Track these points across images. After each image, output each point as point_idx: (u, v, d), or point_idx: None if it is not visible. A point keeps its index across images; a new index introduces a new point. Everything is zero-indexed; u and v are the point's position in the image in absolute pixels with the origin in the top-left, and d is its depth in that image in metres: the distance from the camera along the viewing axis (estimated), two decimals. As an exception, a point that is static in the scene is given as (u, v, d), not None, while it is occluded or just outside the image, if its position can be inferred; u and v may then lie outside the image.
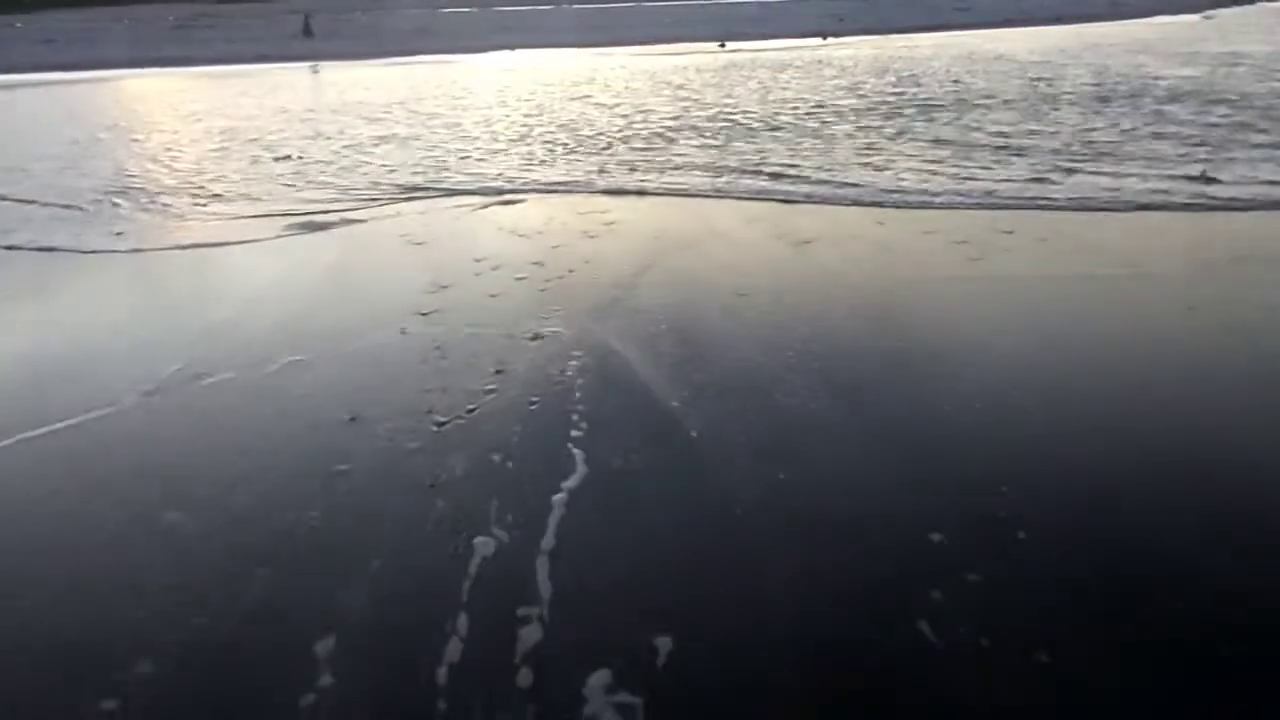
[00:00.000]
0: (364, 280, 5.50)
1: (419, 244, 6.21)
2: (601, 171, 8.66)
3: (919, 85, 14.40)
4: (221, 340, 4.37)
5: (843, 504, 2.77)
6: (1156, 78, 13.89)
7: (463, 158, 10.12)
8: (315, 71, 23.42)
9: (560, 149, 10.30)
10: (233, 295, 5.30)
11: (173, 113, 16.12)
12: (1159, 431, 3.09)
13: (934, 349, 3.88)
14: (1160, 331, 4.02)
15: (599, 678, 2.00)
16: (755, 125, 11.12)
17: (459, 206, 7.48)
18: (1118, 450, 2.96)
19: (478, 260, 5.59)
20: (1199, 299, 4.37)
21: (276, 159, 10.76)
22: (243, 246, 6.56)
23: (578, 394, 3.51)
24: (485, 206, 7.45)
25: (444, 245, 6.20)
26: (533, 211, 7.16)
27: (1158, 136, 8.58)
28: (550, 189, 7.96)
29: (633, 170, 8.62)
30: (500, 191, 7.99)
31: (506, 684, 2.01)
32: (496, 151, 10.39)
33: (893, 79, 15.54)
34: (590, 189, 7.82)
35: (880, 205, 6.57)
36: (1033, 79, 14.39)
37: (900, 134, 9.80)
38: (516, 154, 10.12)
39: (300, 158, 10.82)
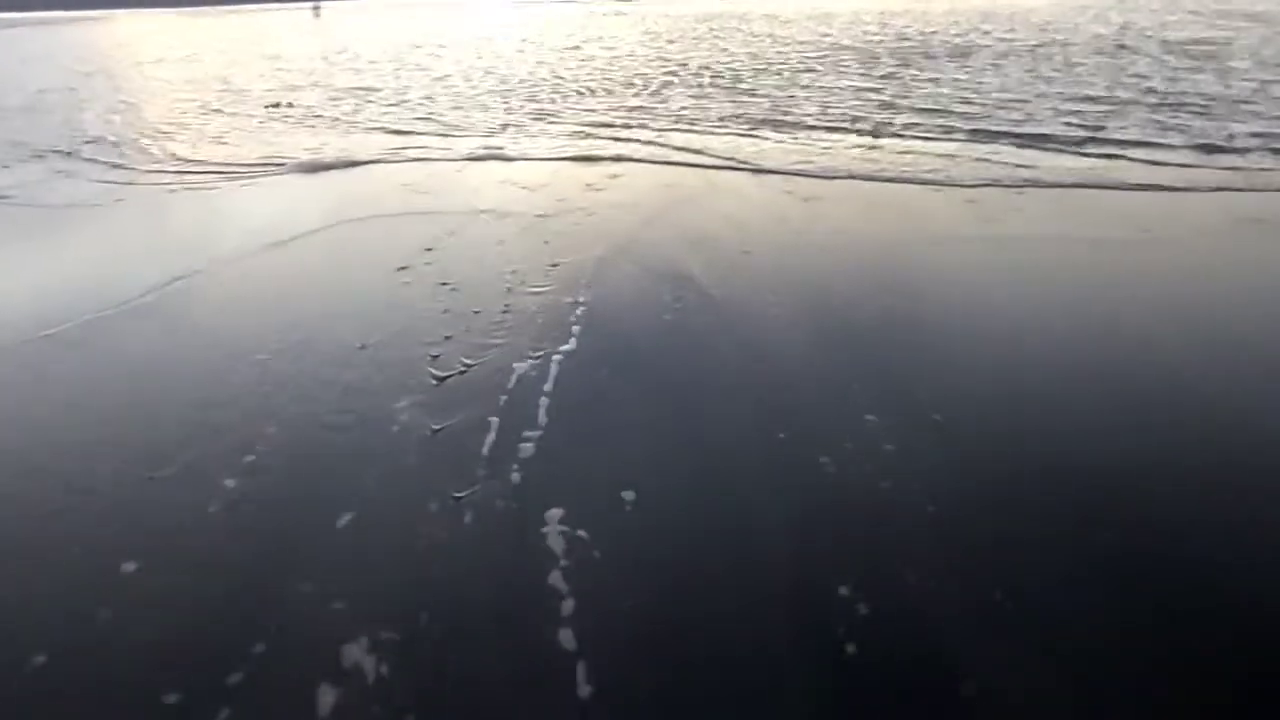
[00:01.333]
0: (364, 220, 5.47)
1: (422, 193, 6.16)
2: (599, 125, 8.57)
3: (928, 48, 14.19)
4: (242, 252, 4.39)
5: (802, 384, 3.08)
6: (1175, 36, 13.64)
7: (455, 109, 9.99)
8: (316, 15, 22.82)
9: (556, 101, 10.17)
10: (238, 230, 5.28)
11: (165, 57, 15.80)
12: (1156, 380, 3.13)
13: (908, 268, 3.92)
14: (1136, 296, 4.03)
15: (555, 513, 2.36)
16: (752, 79, 10.98)
17: (449, 160, 7.41)
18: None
19: (481, 211, 5.57)
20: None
21: (268, 106, 10.62)
22: (245, 189, 6.51)
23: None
24: (477, 159, 7.38)
25: (441, 194, 6.14)
26: (528, 165, 7.08)
27: (1174, 100, 8.29)
28: (550, 151, 7.88)
29: (624, 126, 8.53)
30: (494, 144, 7.91)
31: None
32: (489, 105, 10.25)
33: (901, 32, 15.27)
34: (583, 146, 7.74)
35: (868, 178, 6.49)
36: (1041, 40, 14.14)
37: (897, 100, 9.67)
38: (512, 108, 10.00)
39: (290, 105, 10.68)
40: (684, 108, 9.27)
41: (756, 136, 7.57)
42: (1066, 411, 2.85)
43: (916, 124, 7.75)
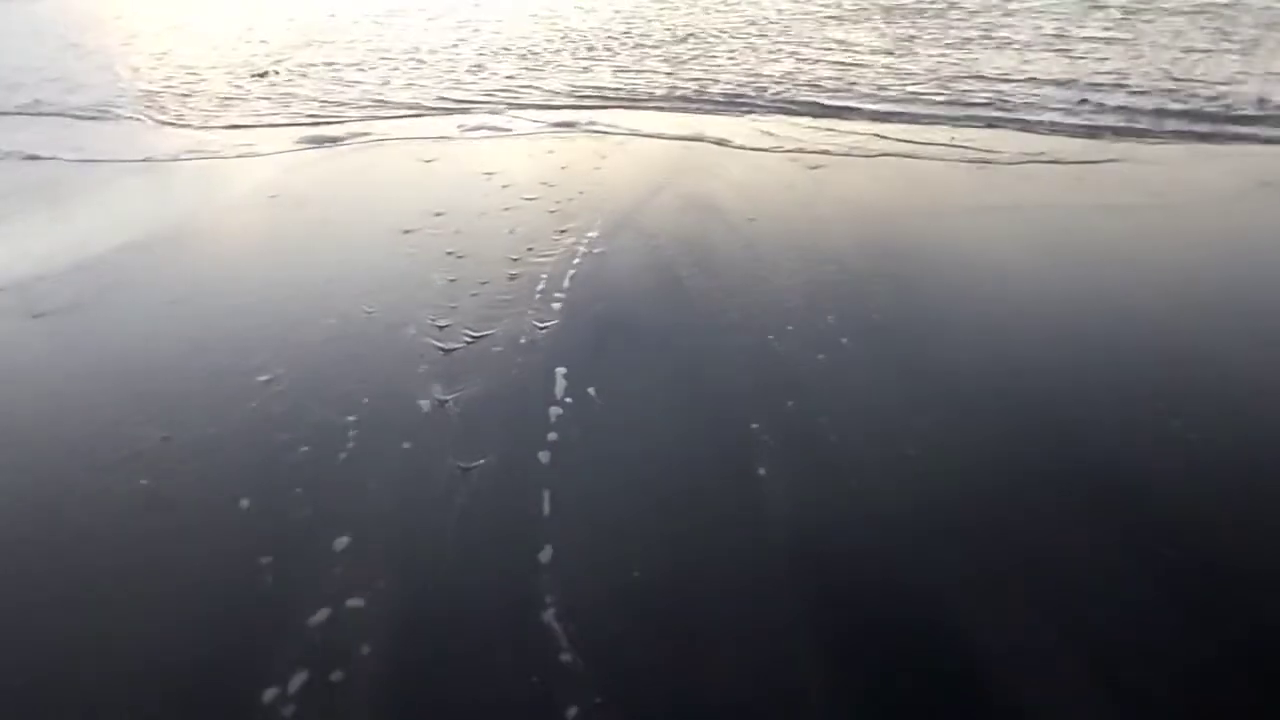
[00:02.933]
0: (375, 189, 5.54)
1: (422, 161, 6.21)
2: (592, 96, 8.58)
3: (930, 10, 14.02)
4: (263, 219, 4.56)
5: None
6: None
7: (447, 77, 9.95)
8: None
9: (551, 70, 10.16)
10: (250, 196, 5.37)
11: (144, 30, 15.45)
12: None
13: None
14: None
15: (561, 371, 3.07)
16: (748, 43, 10.96)
17: (445, 131, 7.43)
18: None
19: (486, 175, 5.63)
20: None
21: (254, 75, 10.54)
22: (235, 162, 6.54)
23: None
24: (476, 129, 7.39)
25: (440, 163, 6.20)
26: (529, 137, 7.10)
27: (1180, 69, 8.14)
28: (547, 121, 7.90)
29: (617, 99, 8.54)
30: (493, 110, 7.93)
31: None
32: (483, 73, 10.22)
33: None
34: (579, 117, 7.75)
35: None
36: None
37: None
38: (504, 76, 9.98)
39: (276, 74, 10.61)
40: (673, 77, 9.25)
41: (754, 109, 7.57)
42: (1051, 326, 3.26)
43: (914, 99, 7.68)
